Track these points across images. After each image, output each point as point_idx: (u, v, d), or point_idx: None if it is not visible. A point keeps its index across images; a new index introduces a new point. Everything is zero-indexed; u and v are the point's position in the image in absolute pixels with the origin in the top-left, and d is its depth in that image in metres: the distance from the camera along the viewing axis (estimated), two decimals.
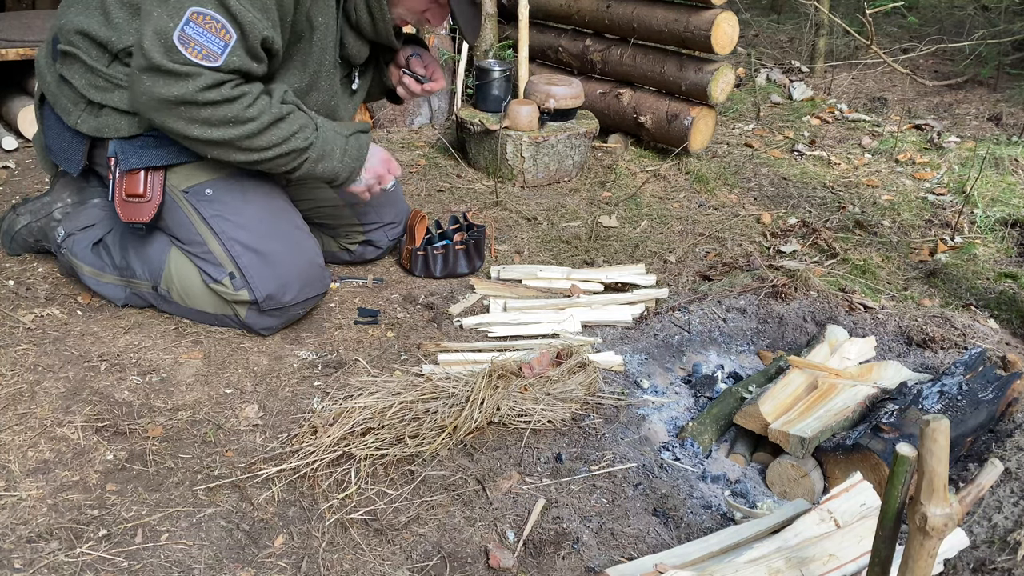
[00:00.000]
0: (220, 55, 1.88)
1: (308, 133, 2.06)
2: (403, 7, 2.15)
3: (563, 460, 1.83)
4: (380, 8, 2.11)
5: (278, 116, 2.01)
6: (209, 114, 1.93)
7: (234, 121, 1.96)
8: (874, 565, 1.20)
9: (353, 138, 2.17)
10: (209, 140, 1.97)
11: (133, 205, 2.12)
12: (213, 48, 1.88)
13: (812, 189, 3.63)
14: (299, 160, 2.08)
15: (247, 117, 1.96)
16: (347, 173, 2.18)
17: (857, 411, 1.93)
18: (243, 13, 1.88)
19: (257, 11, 1.90)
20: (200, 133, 1.96)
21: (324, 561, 1.54)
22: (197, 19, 1.86)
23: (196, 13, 1.85)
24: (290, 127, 2.03)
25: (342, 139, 2.14)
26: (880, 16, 6.42)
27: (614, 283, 2.66)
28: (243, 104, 1.95)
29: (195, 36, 1.86)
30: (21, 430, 1.82)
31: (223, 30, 1.87)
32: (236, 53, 1.90)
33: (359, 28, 2.16)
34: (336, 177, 2.17)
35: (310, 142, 2.07)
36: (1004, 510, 1.66)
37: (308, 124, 2.07)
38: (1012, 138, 4.23)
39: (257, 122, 1.98)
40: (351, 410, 1.87)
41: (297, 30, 2.05)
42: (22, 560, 1.50)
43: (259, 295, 2.13)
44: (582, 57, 4.14)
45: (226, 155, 2.03)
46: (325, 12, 2.06)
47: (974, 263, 2.92)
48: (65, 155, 2.23)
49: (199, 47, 1.87)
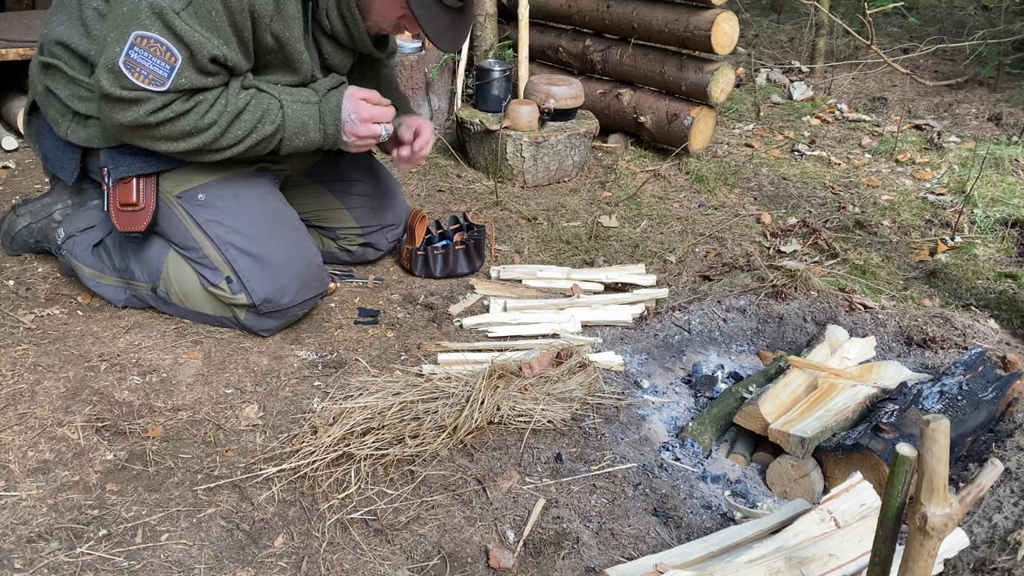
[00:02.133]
0: (167, 79, 1.88)
1: (273, 115, 2.04)
2: (376, 15, 2.09)
3: (563, 460, 1.83)
4: (352, 16, 2.06)
5: (236, 111, 1.99)
6: (168, 131, 1.95)
7: (194, 131, 1.97)
8: (874, 565, 1.20)
9: (324, 100, 2.10)
10: (178, 151, 2.00)
11: (128, 214, 2.12)
12: (159, 72, 1.87)
13: (812, 189, 3.63)
14: (274, 142, 2.07)
15: (205, 125, 1.97)
16: (332, 139, 2.13)
17: (857, 411, 1.93)
18: (189, 33, 1.86)
19: (205, 30, 1.88)
20: (167, 147, 1.99)
21: (324, 561, 1.54)
22: (141, 43, 1.84)
23: (140, 37, 1.84)
24: (251, 117, 2.01)
25: (313, 108, 2.09)
26: (880, 16, 6.42)
27: (614, 283, 2.66)
28: (198, 114, 1.96)
29: (140, 60, 1.85)
30: (21, 430, 1.82)
31: (168, 53, 1.86)
32: (184, 75, 1.89)
33: (335, 37, 2.12)
34: (323, 145, 2.13)
35: (277, 124, 2.05)
36: (1004, 510, 1.66)
37: (272, 106, 2.03)
38: (1012, 138, 4.23)
39: (217, 126, 1.98)
40: (351, 410, 1.87)
41: (263, 44, 2.01)
42: (22, 560, 1.50)
43: (256, 299, 2.13)
44: (582, 57, 4.14)
45: (202, 159, 2.04)
46: (293, 26, 2.01)
47: (974, 263, 2.92)
48: (60, 164, 2.23)
49: (145, 71, 1.86)
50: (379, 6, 2.07)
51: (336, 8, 2.06)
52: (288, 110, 2.05)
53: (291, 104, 2.06)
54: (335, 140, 2.14)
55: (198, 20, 1.87)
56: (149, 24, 1.84)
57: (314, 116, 2.08)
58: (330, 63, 2.17)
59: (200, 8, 1.86)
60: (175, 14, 1.84)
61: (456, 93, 4.15)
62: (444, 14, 2.05)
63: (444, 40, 2.08)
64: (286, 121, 2.05)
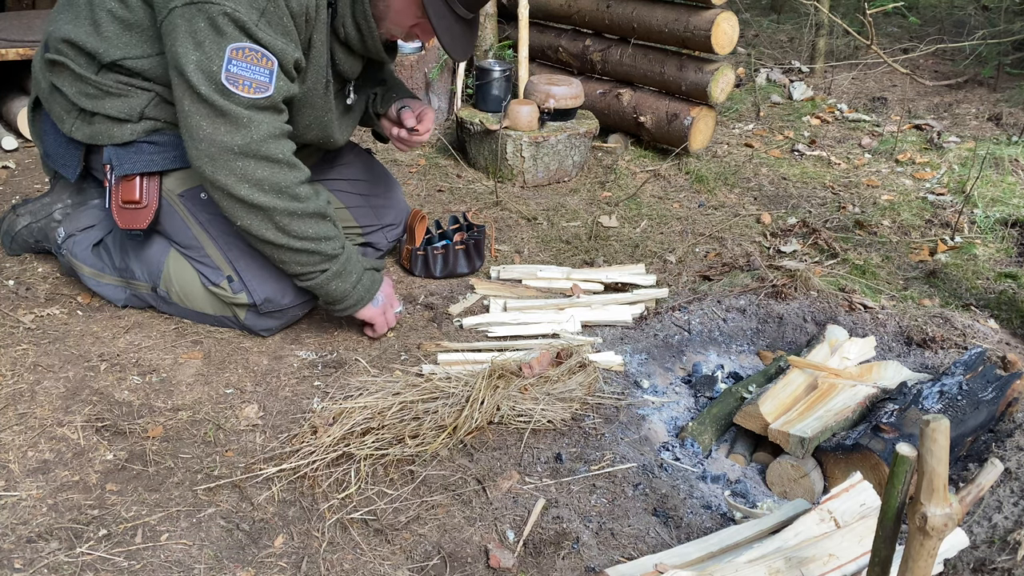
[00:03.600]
0: (269, 83, 1.90)
1: (337, 245, 2.07)
2: (391, 23, 2.11)
3: (563, 460, 1.83)
4: (368, 24, 2.08)
5: (321, 211, 2.02)
6: (265, 175, 1.93)
7: (284, 192, 1.96)
8: (874, 565, 1.20)
9: (368, 272, 2.18)
10: (252, 203, 1.94)
11: (130, 212, 2.12)
12: (260, 78, 1.89)
13: (812, 189, 3.63)
14: (320, 266, 2.06)
15: (297, 194, 1.98)
16: (356, 299, 2.15)
17: (857, 411, 1.93)
18: (272, 42, 1.90)
19: (281, 36, 1.92)
20: (247, 193, 1.92)
21: (324, 561, 1.54)
22: (238, 55, 1.87)
23: (236, 49, 1.87)
24: (327, 229, 2.04)
25: (360, 267, 2.15)
26: (880, 16, 6.42)
27: (614, 283, 2.66)
28: (297, 177, 1.97)
29: (241, 72, 1.87)
30: (21, 430, 1.82)
31: (264, 59, 1.89)
32: (281, 79, 1.93)
33: (348, 44, 2.14)
34: (346, 298, 2.13)
35: (337, 253, 2.07)
36: (1004, 510, 1.66)
37: (340, 238, 2.09)
38: (1012, 138, 4.23)
39: (303, 204, 1.99)
40: (351, 410, 1.87)
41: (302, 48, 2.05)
42: (22, 560, 1.50)
43: (257, 298, 2.13)
44: (582, 57, 4.14)
45: (257, 226, 1.97)
46: (320, 30, 2.06)
47: (974, 263, 2.92)
48: (62, 161, 2.23)
49: (248, 81, 1.88)
50: (394, 14, 2.09)
51: (351, 16, 2.08)
52: (348, 251, 2.11)
53: (351, 250, 2.13)
54: (359, 300, 2.16)
55: (273, 28, 1.90)
56: (238, 36, 1.87)
57: (358, 272, 2.14)
58: (341, 69, 2.18)
59: (272, 16, 1.89)
60: (255, 25, 1.87)
61: (456, 93, 4.15)
62: (458, 24, 2.08)
63: (457, 49, 2.11)
64: (343, 256, 2.09)
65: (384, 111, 2.45)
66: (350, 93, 2.31)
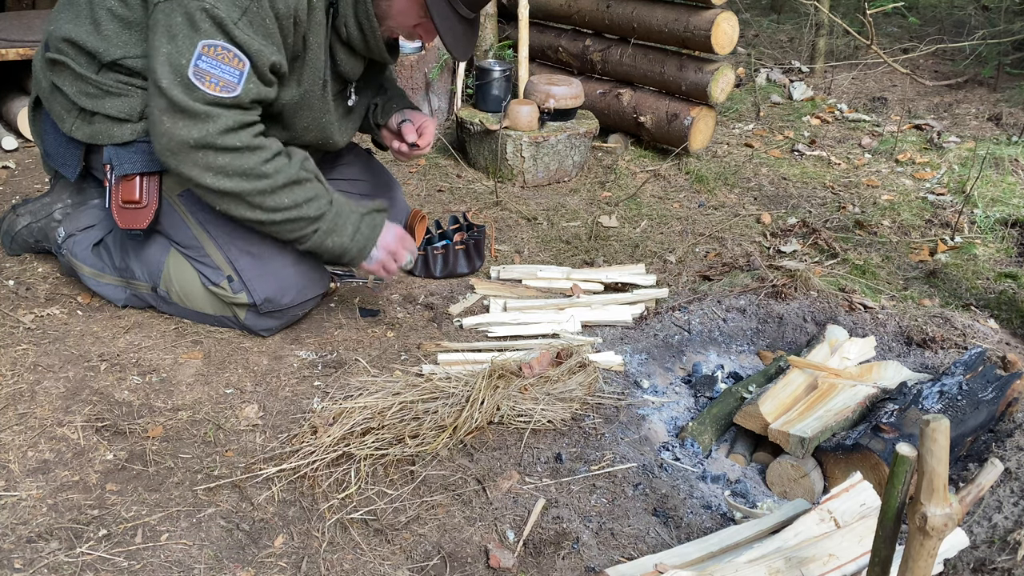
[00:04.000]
0: (237, 84, 1.88)
1: (322, 204, 2.05)
2: (393, 22, 2.11)
3: (563, 460, 1.83)
4: (370, 24, 2.08)
5: (294, 179, 2.00)
6: (226, 162, 1.93)
7: (249, 174, 1.95)
8: (874, 565, 1.20)
9: (368, 216, 2.15)
10: (221, 190, 1.95)
11: (130, 212, 2.12)
12: (229, 78, 1.88)
13: (812, 189, 3.63)
14: (308, 229, 2.05)
15: (263, 172, 1.96)
16: (357, 250, 2.13)
17: (857, 411, 1.93)
18: (249, 42, 1.88)
19: (261, 38, 1.90)
20: (213, 182, 1.94)
21: (324, 561, 1.54)
22: (209, 52, 1.85)
23: (207, 46, 1.85)
24: (304, 193, 2.02)
25: (356, 216, 2.12)
26: (880, 16, 6.42)
27: (614, 283, 2.66)
28: (261, 157, 1.95)
29: (209, 69, 1.86)
30: (21, 430, 1.82)
31: (236, 59, 1.87)
32: (251, 81, 1.91)
33: (350, 44, 2.13)
34: (345, 252, 2.12)
35: (322, 212, 2.05)
36: (1004, 510, 1.66)
37: (323, 195, 2.06)
38: (1012, 138, 4.23)
39: (271, 179, 1.97)
40: (351, 410, 1.87)
41: (294, 50, 2.04)
42: (22, 560, 1.50)
43: (257, 298, 2.13)
44: (582, 57, 4.14)
45: (235, 209, 1.99)
46: (317, 32, 2.04)
47: (974, 263, 2.92)
48: (62, 160, 2.23)
49: (215, 79, 1.86)
50: (397, 14, 2.09)
51: (354, 16, 2.07)
52: (336, 205, 2.08)
53: (340, 202, 2.09)
54: (362, 249, 2.14)
55: (253, 28, 1.88)
56: (212, 33, 1.85)
57: (354, 222, 2.12)
58: (342, 69, 2.18)
59: (254, 16, 1.88)
60: (234, 24, 1.85)
61: (456, 93, 4.15)
62: (460, 24, 2.08)
63: (459, 49, 2.11)
64: (330, 214, 2.07)
65: (384, 122, 2.45)
66: (351, 95, 2.30)
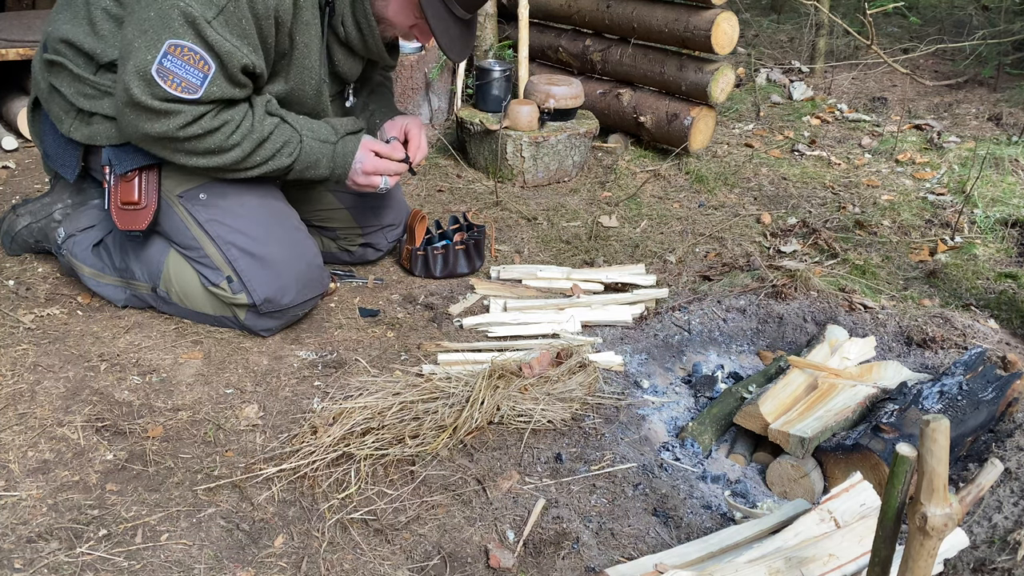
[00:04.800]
0: (199, 87, 1.88)
1: (292, 148, 2.09)
2: (390, 23, 2.12)
3: (563, 460, 1.83)
4: (368, 24, 2.08)
5: (260, 138, 2.03)
6: (192, 146, 1.97)
7: (217, 151, 1.99)
8: (874, 565, 1.20)
9: (340, 143, 2.18)
10: (199, 167, 2.02)
11: (129, 213, 2.12)
12: (192, 80, 1.87)
13: (812, 189, 3.63)
14: (285, 172, 2.12)
15: (230, 145, 1.99)
16: (335, 178, 2.22)
17: (857, 411, 1.93)
18: (221, 43, 1.86)
19: (236, 39, 1.88)
20: (185, 160, 2.01)
21: (324, 561, 1.54)
22: (175, 51, 1.85)
23: (174, 46, 1.84)
24: (273, 146, 2.05)
25: (328, 147, 2.15)
26: (880, 16, 6.42)
27: (614, 283, 2.66)
28: (224, 133, 1.98)
29: (173, 68, 1.85)
30: (21, 430, 1.82)
31: (202, 61, 1.86)
32: (216, 83, 1.90)
33: (349, 44, 2.13)
34: (328, 178, 2.20)
35: (294, 157, 2.10)
36: (1004, 510, 1.66)
37: (292, 138, 2.09)
38: (1012, 138, 4.23)
39: (240, 149, 2.01)
40: (351, 410, 1.87)
41: (280, 49, 2.03)
42: (22, 560, 1.50)
43: (257, 299, 2.13)
44: (582, 57, 4.14)
45: (215, 175, 2.08)
46: (307, 31, 2.03)
47: (974, 263, 2.92)
48: (61, 161, 2.23)
49: (178, 79, 1.86)
50: (393, 14, 2.09)
51: (352, 15, 2.08)
52: (306, 145, 2.11)
53: (309, 140, 2.12)
54: (340, 179, 2.23)
55: (229, 28, 1.87)
56: (182, 32, 1.84)
57: (327, 155, 2.16)
58: (340, 70, 2.18)
59: (231, 16, 1.86)
60: (207, 23, 1.84)
61: (456, 93, 4.15)
62: (456, 25, 2.08)
63: (455, 50, 2.12)
64: (301, 155, 2.11)
65: None
66: (349, 96, 2.30)
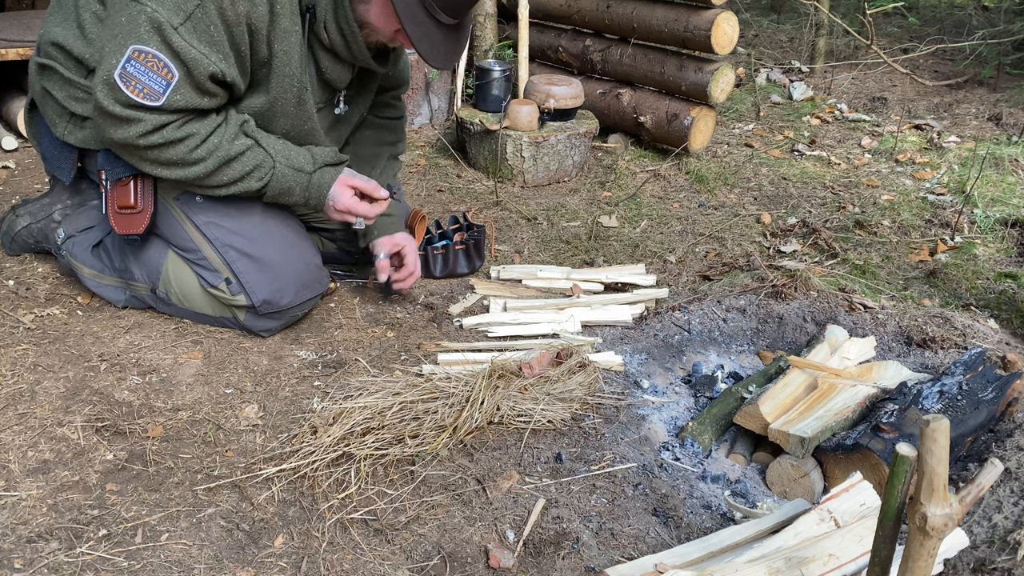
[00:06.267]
0: (162, 94, 1.86)
1: (263, 173, 2.05)
2: (373, 27, 2.04)
3: (563, 460, 1.83)
4: (351, 29, 2.02)
5: (228, 157, 1.99)
6: (155, 155, 1.95)
7: (180, 163, 1.97)
8: (874, 565, 1.20)
9: (317, 174, 2.13)
10: (164, 177, 2.01)
11: (126, 217, 2.12)
12: (154, 87, 1.85)
13: (812, 189, 3.63)
14: (257, 195, 2.10)
15: (194, 159, 1.96)
16: (311, 208, 2.20)
17: (857, 411, 1.93)
18: (187, 50, 1.83)
19: (204, 46, 1.85)
20: (151, 170, 2.00)
21: (324, 561, 1.54)
22: (139, 57, 1.83)
23: (137, 51, 1.83)
24: (242, 168, 2.02)
25: (304, 176, 2.11)
26: (880, 16, 6.42)
27: (614, 283, 2.66)
28: (188, 146, 1.95)
29: (136, 74, 1.83)
30: (21, 430, 1.82)
31: (165, 69, 1.84)
32: (179, 92, 1.87)
33: (334, 50, 2.07)
34: (304, 205, 2.18)
35: (265, 183, 2.07)
36: (1004, 510, 1.66)
37: (264, 163, 2.04)
38: (1012, 138, 4.23)
39: (204, 164, 1.98)
40: (351, 410, 1.87)
41: (259, 57, 1.98)
42: (22, 560, 1.50)
43: (256, 300, 2.13)
44: (582, 57, 4.14)
45: (186, 188, 2.07)
46: (286, 39, 1.97)
47: (974, 263, 2.92)
48: (57, 163, 2.23)
49: (140, 85, 1.84)
50: (375, 18, 2.01)
51: (335, 20, 2.01)
52: (279, 172, 2.07)
53: (283, 168, 2.08)
54: (317, 209, 2.22)
55: (196, 35, 1.84)
56: (147, 39, 1.82)
57: (302, 184, 2.12)
58: (328, 77, 2.12)
59: (199, 23, 1.83)
60: (173, 29, 1.81)
61: (456, 93, 4.15)
62: (438, 31, 2.00)
63: (437, 57, 2.04)
64: (273, 182, 2.08)
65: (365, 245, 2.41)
66: (340, 103, 2.26)
